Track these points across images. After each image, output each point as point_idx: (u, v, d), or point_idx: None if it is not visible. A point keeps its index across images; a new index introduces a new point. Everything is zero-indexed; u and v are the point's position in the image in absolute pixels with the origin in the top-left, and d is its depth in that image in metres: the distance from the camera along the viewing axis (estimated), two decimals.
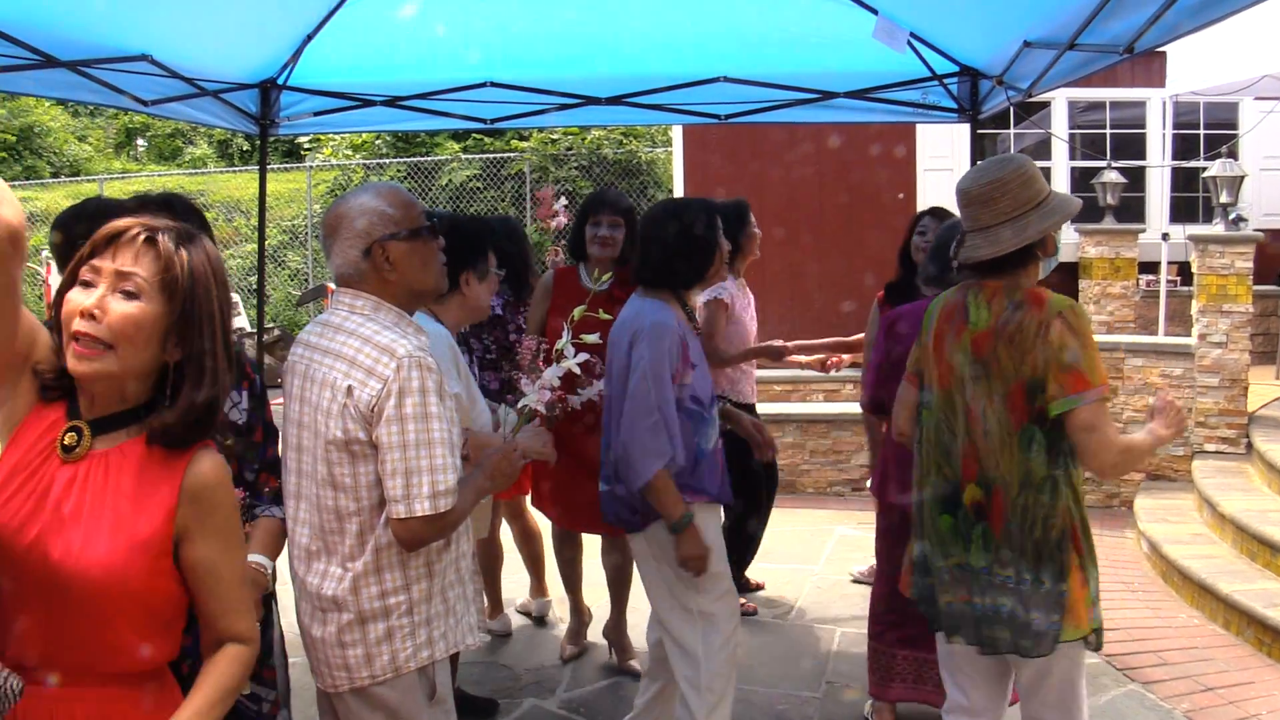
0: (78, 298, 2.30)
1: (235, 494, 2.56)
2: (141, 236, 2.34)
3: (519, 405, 3.68)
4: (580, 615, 6.43)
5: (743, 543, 6.81)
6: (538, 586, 6.96)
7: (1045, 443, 3.58)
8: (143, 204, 3.35)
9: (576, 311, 3.61)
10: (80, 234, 2.59)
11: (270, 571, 3.30)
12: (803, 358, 6.73)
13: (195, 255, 2.39)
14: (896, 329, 5.00)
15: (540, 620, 6.88)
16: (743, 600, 6.76)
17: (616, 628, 6.18)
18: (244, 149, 28.18)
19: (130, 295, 2.31)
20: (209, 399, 2.40)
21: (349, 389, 3.10)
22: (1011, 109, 6.90)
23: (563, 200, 7.22)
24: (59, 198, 21.84)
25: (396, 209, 3.29)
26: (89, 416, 2.36)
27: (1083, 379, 3.49)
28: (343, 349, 3.18)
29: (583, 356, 3.65)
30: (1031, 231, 3.61)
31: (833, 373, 6.85)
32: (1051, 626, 3.58)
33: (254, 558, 3.26)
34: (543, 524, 6.75)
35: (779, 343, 6.46)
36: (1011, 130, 14.02)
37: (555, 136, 19.14)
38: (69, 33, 5.23)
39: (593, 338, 3.71)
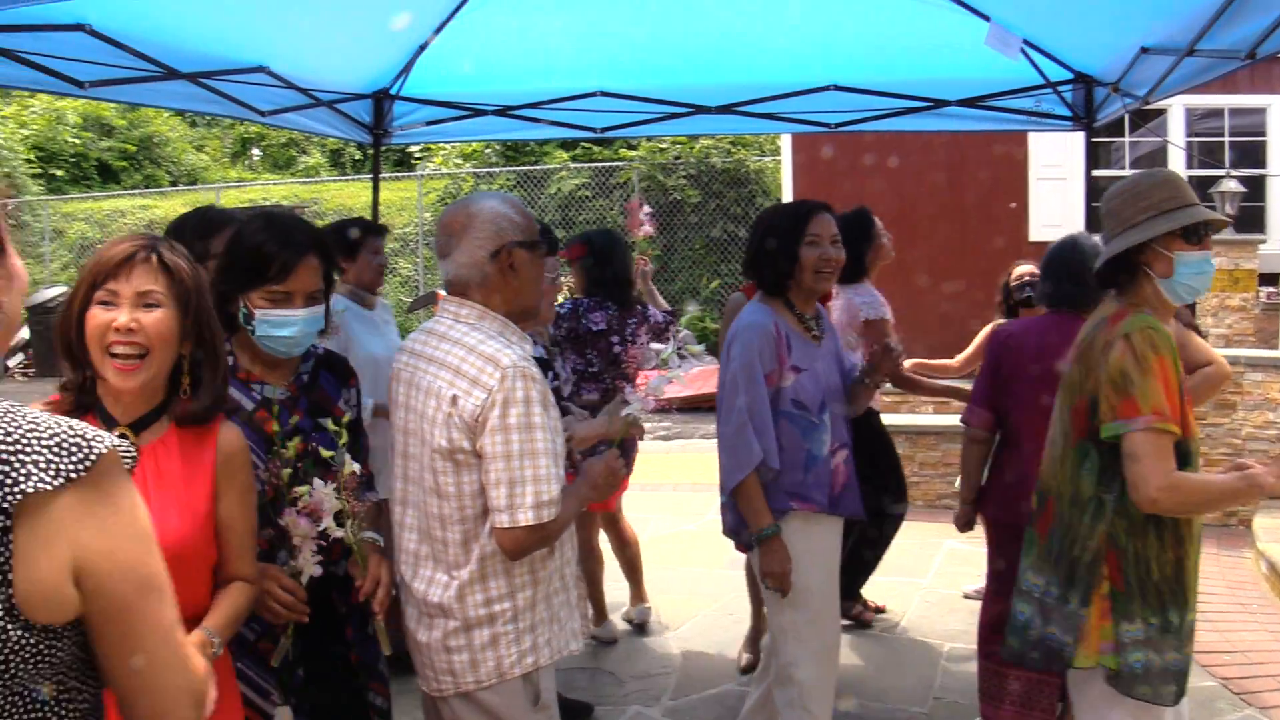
0: (105, 316, 2.64)
1: (251, 458, 3.02)
2: (152, 258, 2.70)
3: (623, 414, 3.68)
4: (760, 624, 6.36)
5: (858, 563, 6.71)
6: (636, 594, 6.96)
7: (1099, 463, 3.47)
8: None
9: (684, 321, 3.60)
10: (190, 239, 3.50)
11: (382, 543, 3.44)
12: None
13: (187, 263, 2.78)
14: (1008, 344, 4.92)
15: (642, 627, 6.89)
16: (859, 609, 6.71)
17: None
18: (355, 158, 28.59)
19: (153, 307, 2.68)
20: (225, 378, 2.89)
21: (454, 398, 3.13)
22: (1127, 116, 6.79)
23: (646, 209, 7.25)
24: (177, 205, 22.30)
25: (521, 218, 3.36)
26: (125, 421, 2.69)
27: (1132, 405, 3.34)
28: (447, 358, 3.22)
29: (690, 365, 3.63)
30: (1115, 244, 3.49)
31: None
32: (1065, 647, 3.52)
33: (368, 534, 3.40)
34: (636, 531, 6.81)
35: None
36: (1127, 138, 13.79)
37: (664, 145, 19.18)
38: (189, 46, 5.35)
39: (698, 348, 3.70)
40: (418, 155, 23.70)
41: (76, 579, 1.63)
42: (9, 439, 1.60)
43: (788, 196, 13.22)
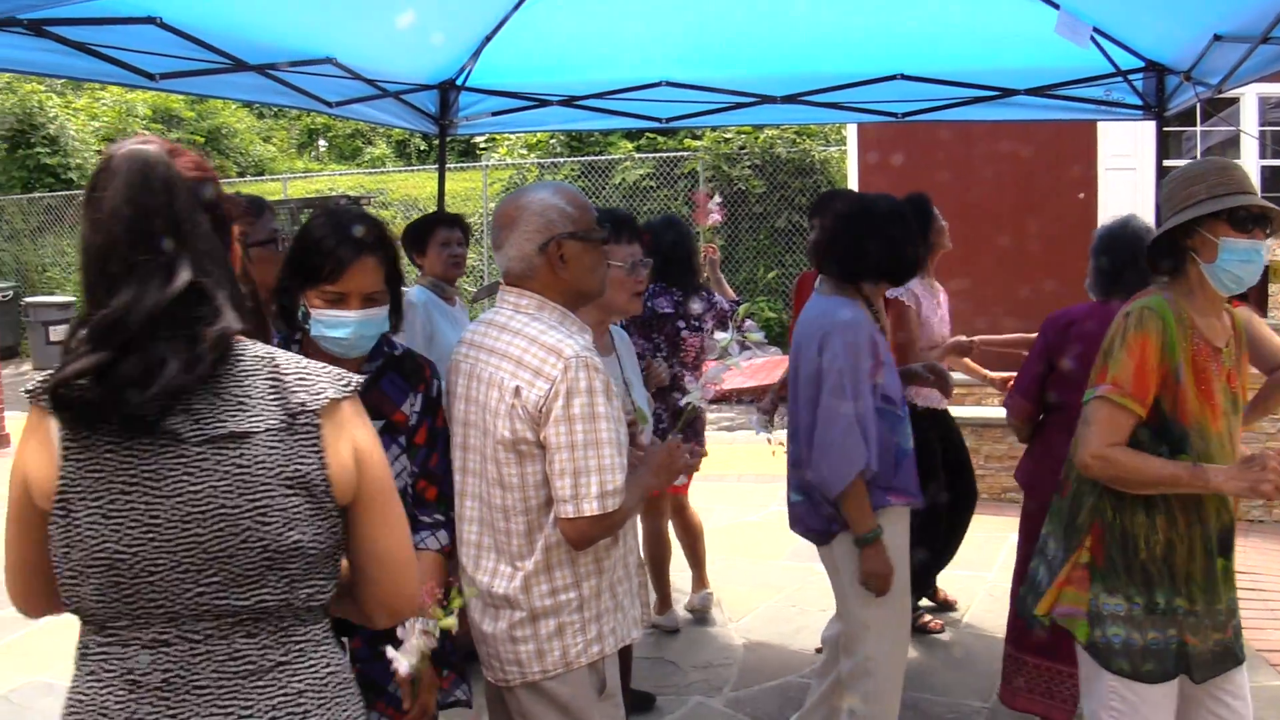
0: None
1: None
2: None
3: (683, 402, 3.68)
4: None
5: (936, 555, 6.67)
6: (699, 579, 7.01)
7: None
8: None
9: (742, 309, 3.58)
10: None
11: (435, 630, 2.98)
12: (989, 372, 6.54)
13: None
14: (1071, 331, 4.87)
15: (703, 614, 6.91)
16: (928, 618, 6.65)
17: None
18: (421, 148, 28.74)
19: None
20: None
21: (516, 389, 3.14)
22: (1199, 105, 6.70)
23: (717, 198, 7.24)
24: None
25: (574, 208, 3.33)
26: None
27: (1103, 372, 3.45)
28: (509, 349, 3.22)
29: (750, 355, 3.62)
30: (1164, 226, 3.50)
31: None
32: (1040, 594, 3.65)
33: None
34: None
35: (964, 338, 6.29)
36: (1198, 128, 13.59)
37: (728, 135, 19.11)
38: (258, 38, 5.41)
39: (758, 335, 3.68)
40: (483, 146, 23.80)
41: (356, 465, 2.14)
42: (302, 366, 2.15)
43: (853, 187, 13.12)
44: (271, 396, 2.07)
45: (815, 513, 4.35)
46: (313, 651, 2.18)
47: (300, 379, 2.11)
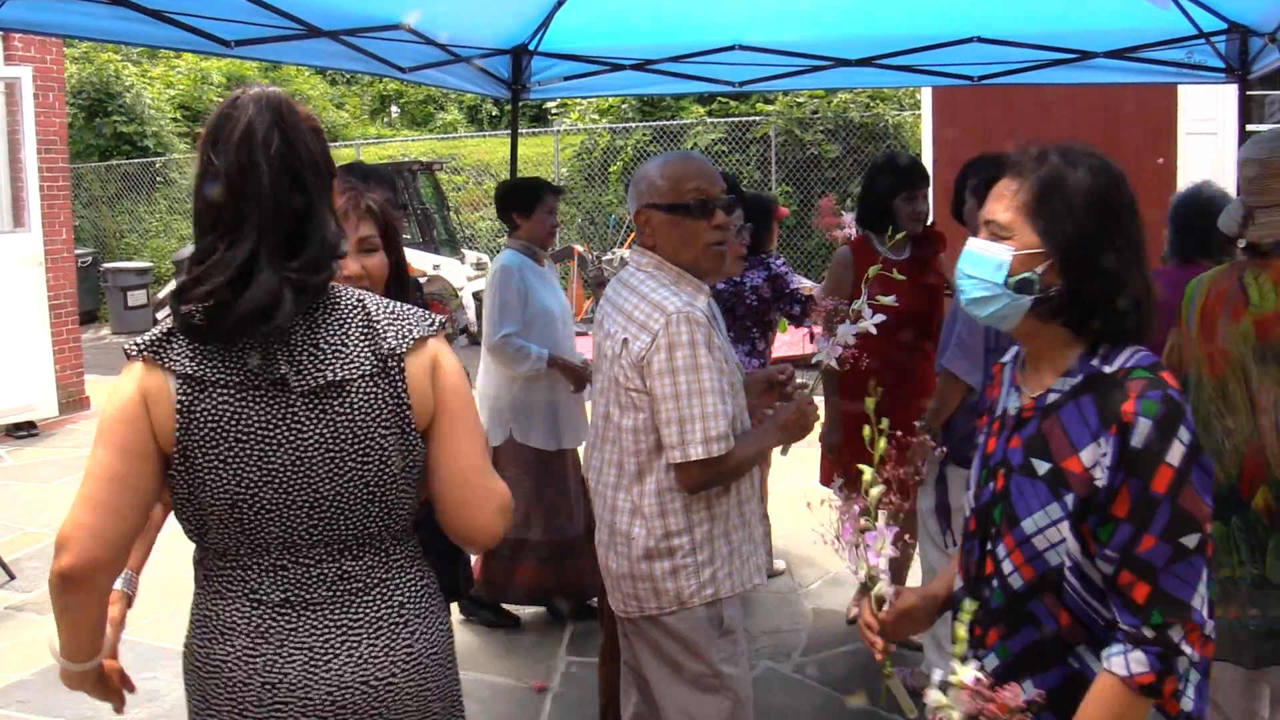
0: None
1: None
2: (362, 204, 3.27)
3: (813, 360, 3.75)
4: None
5: None
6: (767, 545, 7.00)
7: None
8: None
9: (871, 270, 3.62)
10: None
11: None
12: None
13: (384, 202, 3.41)
14: None
15: (773, 575, 6.88)
16: None
17: None
18: (492, 114, 28.87)
19: (371, 250, 3.29)
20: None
21: (624, 341, 3.40)
22: None
23: (849, 217, 7.16)
24: None
25: (665, 181, 3.52)
26: None
27: None
28: (624, 304, 3.50)
29: (879, 318, 3.69)
30: None
31: None
32: None
33: None
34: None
35: None
36: None
37: (801, 99, 19.01)
38: (331, 4, 5.43)
39: (889, 299, 3.72)
40: (555, 111, 23.83)
41: (433, 388, 2.33)
42: (391, 310, 2.35)
43: (927, 151, 13.02)
44: (365, 343, 2.29)
45: None
46: (409, 567, 2.44)
47: (390, 322, 2.33)
